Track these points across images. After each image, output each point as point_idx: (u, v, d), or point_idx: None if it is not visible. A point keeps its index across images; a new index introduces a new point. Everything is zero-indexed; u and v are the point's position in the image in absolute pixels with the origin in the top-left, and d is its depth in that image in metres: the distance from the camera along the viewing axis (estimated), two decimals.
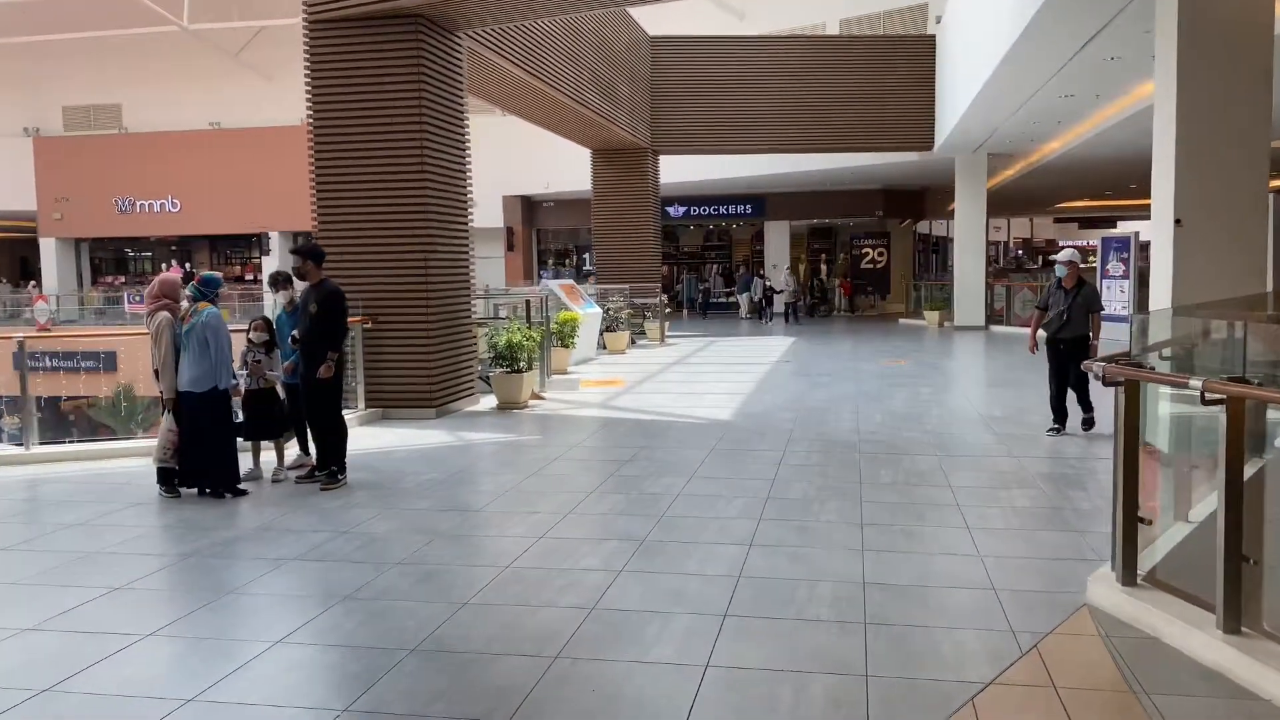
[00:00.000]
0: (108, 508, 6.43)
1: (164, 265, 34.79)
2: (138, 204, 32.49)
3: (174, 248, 36.46)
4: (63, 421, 21.15)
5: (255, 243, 33.01)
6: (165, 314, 6.56)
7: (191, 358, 6.41)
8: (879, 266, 30.18)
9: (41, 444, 8.39)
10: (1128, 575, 4.22)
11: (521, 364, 10.72)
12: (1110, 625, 4.08)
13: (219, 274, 6.63)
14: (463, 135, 10.93)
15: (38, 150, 32.52)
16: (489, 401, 10.92)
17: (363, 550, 5.36)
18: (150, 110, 33.12)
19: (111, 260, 36.80)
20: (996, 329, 21.44)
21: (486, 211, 30.43)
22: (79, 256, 34.51)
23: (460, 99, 10.89)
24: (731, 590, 4.56)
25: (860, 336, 20.37)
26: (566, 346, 14.21)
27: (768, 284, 26.93)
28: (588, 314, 15.78)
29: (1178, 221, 7.02)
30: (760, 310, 26.78)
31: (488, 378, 11.20)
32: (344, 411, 7.78)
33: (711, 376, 13.59)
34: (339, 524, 5.94)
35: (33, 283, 32.85)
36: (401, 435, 9.11)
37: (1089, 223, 48.24)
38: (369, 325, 10.07)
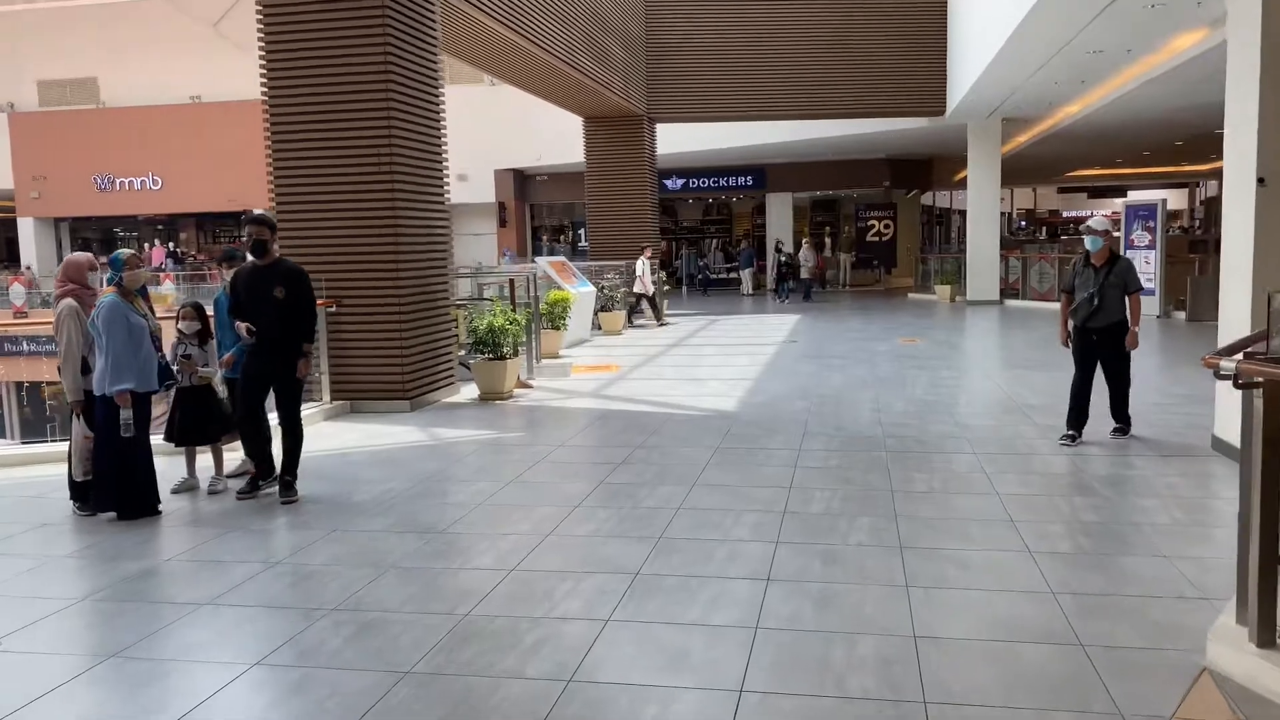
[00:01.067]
0: (5, 530, 5.45)
1: (146, 245, 33.70)
2: (117, 181, 31.39)
3: (160, 226, 35.36)
4: (44, 414, 20.24)
5: (242, 220, 31.89)
6: (70, 301, 5.55)
7: (97, 355, 5.41)
8: (885, 239, 29.09)
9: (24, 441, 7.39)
10: (1264, 634, 3.24)
11: (505, 350, 9.72)
12: (1248, 702, 3.11)
13: (128, 251, 5.58)
14: (436, 100, 9.87)
15: (13, 127, 31.37)
16: (470, 391, 9.93)
17: (293, 590, 4.39)
18: (129, 84, 31.87)
19: (99, 240, 35.67)
20: (1011, 303, 20.44)
21: (477, 186, 29.35)
22: (59, 236, 33.42)
23: (433, 60, 9.83)
24: (748, 651, 3.59)
25: (868, 313, 19.36)
26: (557, 329, 13.21)
27: (784, 258, 24.95)
28: (581, 293, 14.77)
29: (1261, 181, 5.99)
30: (779, 287, 24.36)
31: (470, 364, 10.20)
32: (308, 405, 6.87)
33: (714, 360, 12.59)
34: (271, 552, 4.96)
35: (26, 265, 31.74)
36: (368, 432, 8.12)
37: (1097, 192, 47.06)
38: (333, 309, 9.06)
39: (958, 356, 12.39)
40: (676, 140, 23.30)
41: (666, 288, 19.24)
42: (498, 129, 27.98)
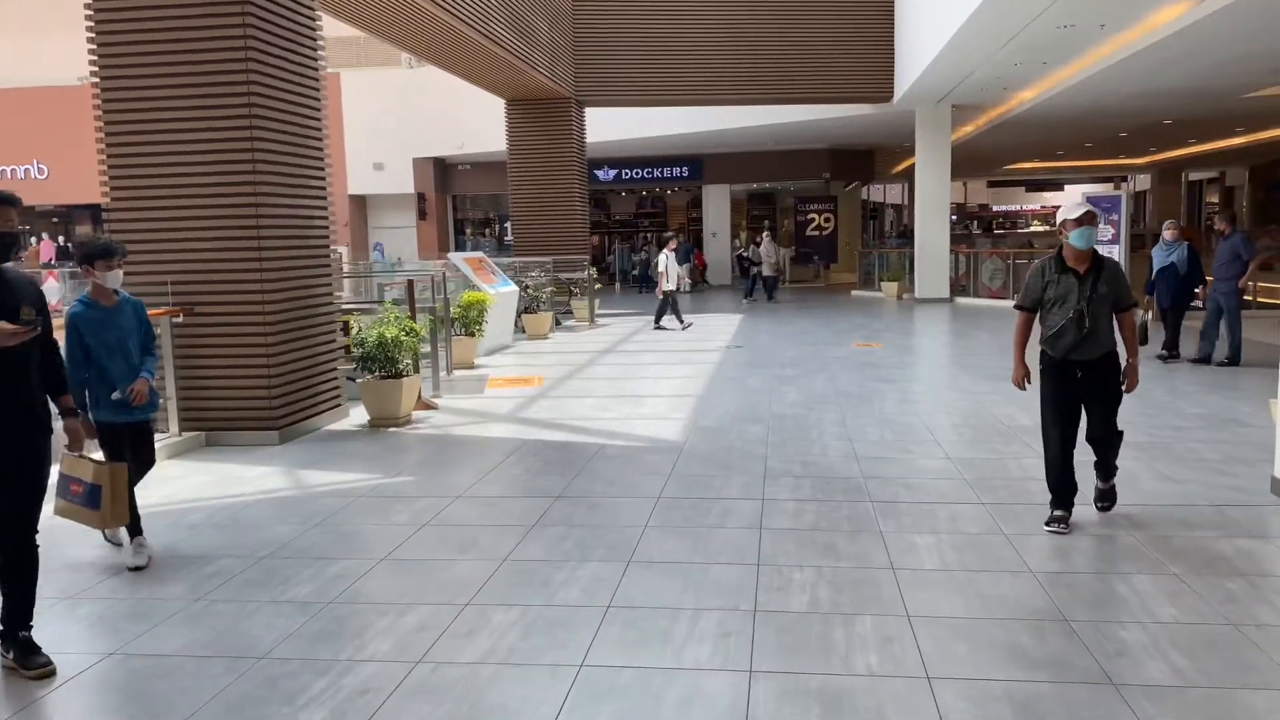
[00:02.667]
0: None
1: (34, 240, 30.91)
2: None
3: (56, 220, 32.54)
4: None
5: None
6: None
7: None
8: (825, 233, 27.92)
9: None
10: None
11: (401, 367, 8.06)
12: None
13: None
14: (313, 75, 8.16)
15: None
16: (362, 415, 8.24)
17: None
18: (6, 63, 29.06)
19: None
20: (963, 301, 19.36)
21: (395, 175, 27.42)
22: None
23: (309, 23, 8.11)
24: None
25: (814, 312, 18.06)
26: (472, 335, 11.55)
27: (743, 254, 22.46)
28: (501, 293, 13.12)
29: None
30: (750, 287, 21.74)
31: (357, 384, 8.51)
32: (156, 438, 5.17)
33: (652, 369, 11.08)
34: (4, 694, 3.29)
35: None
36: (219, 476, 6.41)
37: (1035, 186, 46.90)
38: (180, 319, 7.31)
39: (923, 364, 11.09)
40: (608, 128, 21.74)
41: (598, 285, 17.67)
42: (417, 114, 26.11)
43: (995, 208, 52.96)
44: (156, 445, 5.44)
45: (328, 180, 8.34)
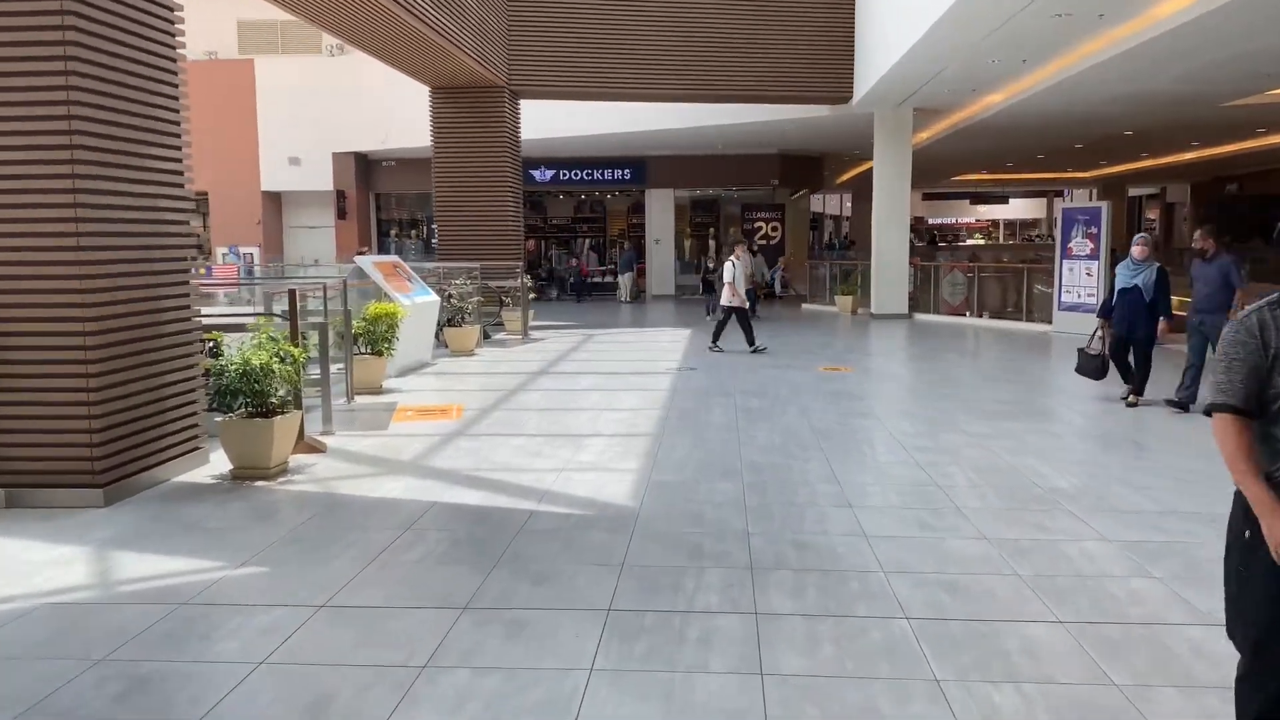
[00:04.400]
0: None
1: None
2: None
3: None
4: None
5: None
6: None
7: None
8: (772, 243, 26.63)
9: None
10: None
11: (274, 401, 6.31)
12: None
13: None
14: (167, 55, 6.40)
15: None
16: (227, 462, 6.45)
17: None
18: None
19: None
20: (922, 318, 18.13)
21: (312, 171, 25.32)
22: None
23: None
24: None
25: (767, 328, 16.62)
26: (380, 354, 9.79)
27: (709, 266, 19.61)
28: (417, 304, 11.36)
29: None
30: (710, 304, 18.81)
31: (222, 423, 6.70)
32: None
33: (594, 397, 9.44)
34: None
35: None
36: None
37: (979, 198, 46.50)
38: None
39: (904, 394, 9.66)
40: (546, 124, 20.09)
41: (533, 296, 15.96)
42: (338, 105, 24.10)
43: (931, 220, 52.51)
44: None
45: (186, 179, 6.55)
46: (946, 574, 4.38)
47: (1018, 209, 51.95)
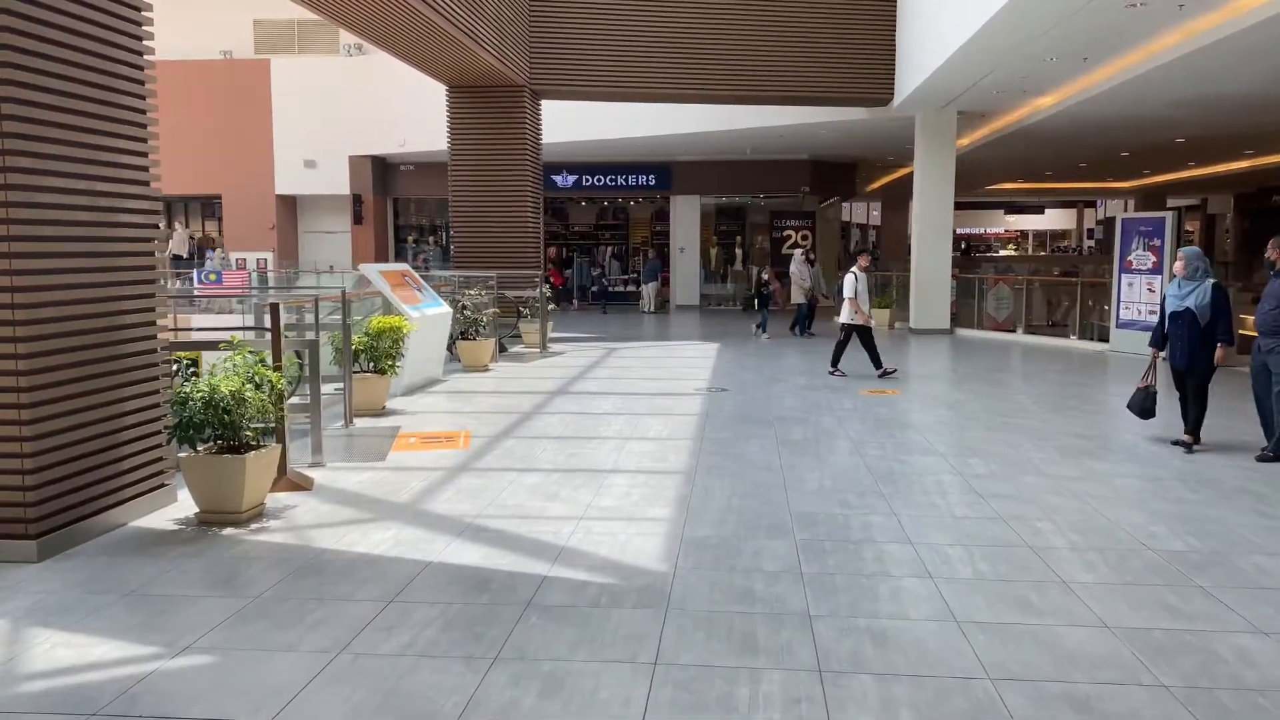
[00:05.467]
0: None
1: None
2: None
3: None
4: None
5: None
6: None
7: None
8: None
9: None
10: None
11: (249, 433, 5.42)
12: None
13: None
14: (135, 37, 5.54)
15: None
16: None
17: None
18: None
19: None
20: (964, 333, 17.08)
21: (328, 175, 24.59)
22: None
23: None
24: None
25: (800, 343, 15.63)
26: (383, 372, 8.90)
27: (760, 277, 17.42)
28: (427, 316, 10.48)
29: None
30: (763, 320, 16.55)
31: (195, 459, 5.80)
32: None
33: (615, 425, 8.49)
34: None
35: None
36: None
37: (1014, 209, 45.25)
38: None
39: (965, 425, 8.64)
40: (568, 128, 19.23)
41: (552, 306, 15.05)
42: (355, 107, 23.38)
43: (957, 230, 51.18)
44: None
45: (151, 181, 5.68)
46: (1072, 683, 3.41)
47: (1046, 220, 50.64)
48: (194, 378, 5.97)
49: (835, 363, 11.84)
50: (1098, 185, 38.34)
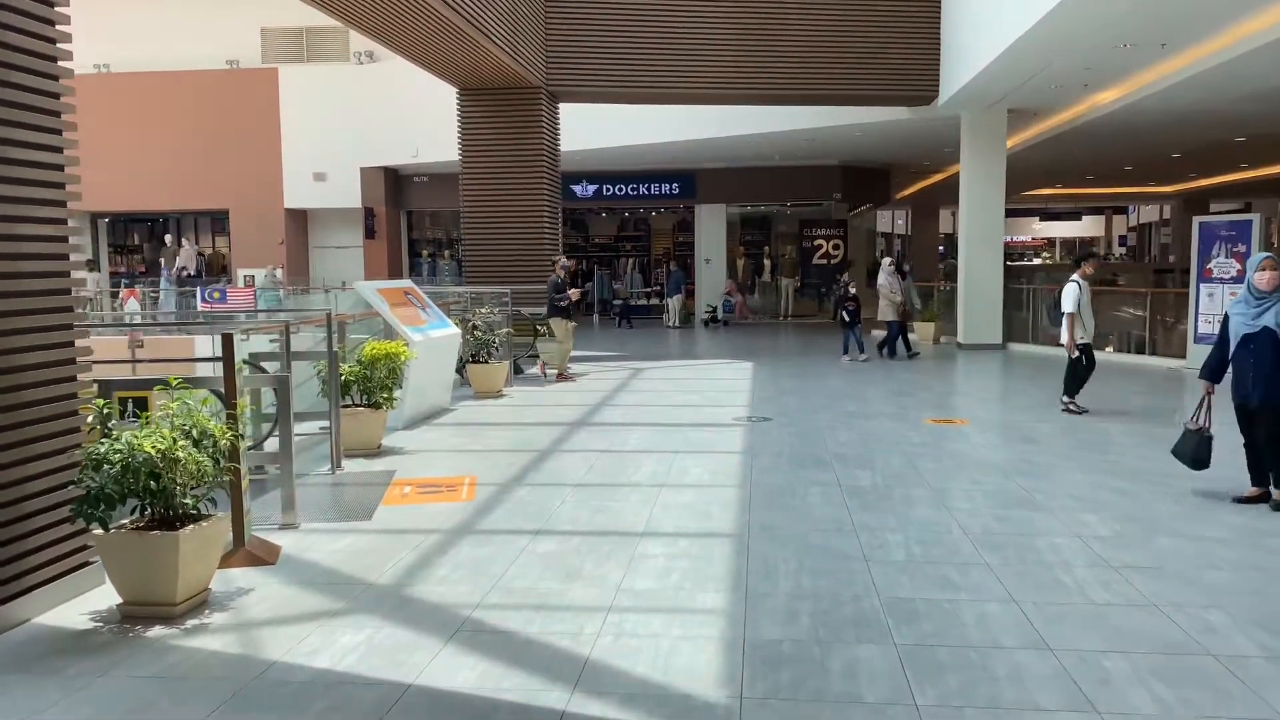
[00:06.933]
0: None
1: None
2: None
3: None
4: None
5: None
6: None
7: None
8: (835, 262, 24.34)
9: None
10: None
11: (188, 502, 4.24)
12: None
13: None
14: (46, 40, 4.43)
15: None
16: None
17: None
18: None
19: None
20: (1017, 348, 15.77)
21: (339, 187, 23.60)
22: None
23: None
24: None
25: (836, 360, 14.38)
26: (378, 406, 7.74)
27: (846, 289, 14.78)
28: (431, 339, 9.32)
29: None
30: (847, 339, 14.24)
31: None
32: None
33: (648, 465, 7.27)
34: None
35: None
36: None
37: (1050, 216, 43.76)
38: None
39: (1060, 466, 7.31)
40: (587, 134, 18.11)
41: (573, 324, 13.86)
42: (366, 116, 22.42)
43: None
44: None
45: (66, 189, 4.54)
46: None
47: (1073, 227, 49.05)
48: (144, 425, 4.80)
49: (1074, 393, 9.48)
50: (1137, 190, 36.87)
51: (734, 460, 7.36)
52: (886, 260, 15.23)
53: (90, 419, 4.40)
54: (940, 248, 47.09)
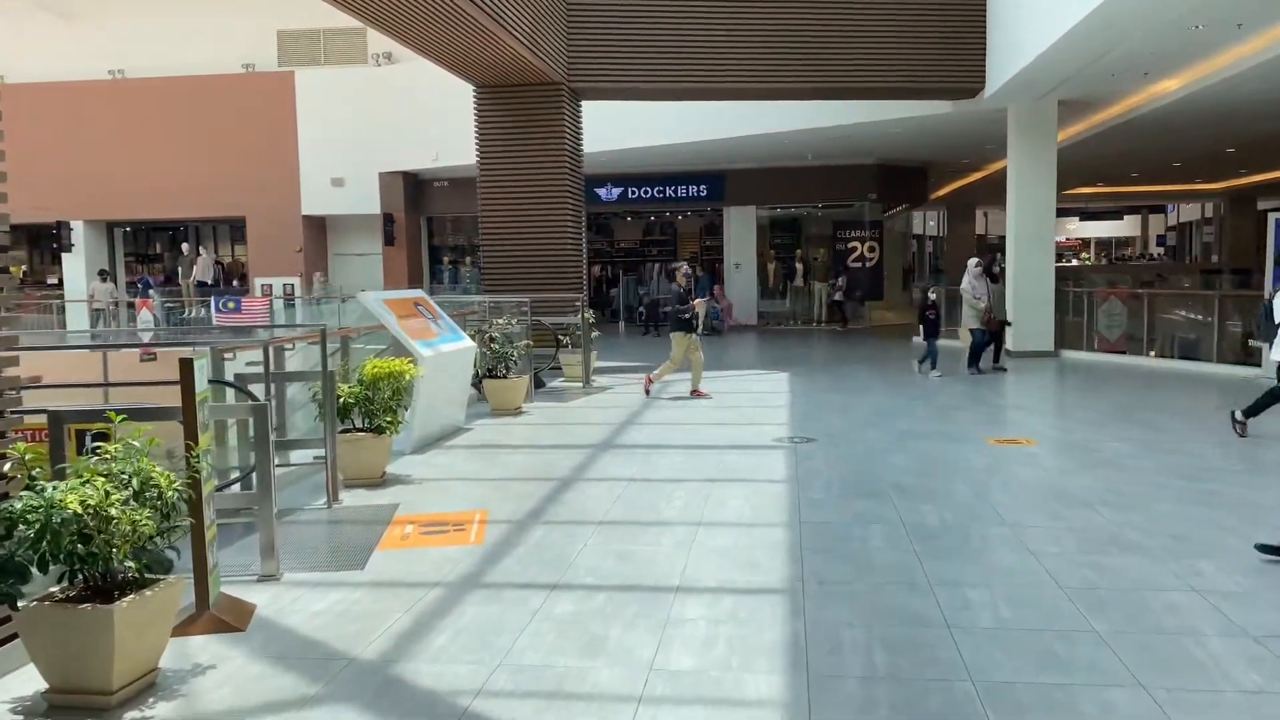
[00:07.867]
0: None
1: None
2: None
3: None
4: None
5: (54, 235, 24.83)
6: None
7: None
8: (869, 265, 23.42)
9: None
10: None
11: (129, 567, 3.50)
12: None
13: None
14: None
15: None
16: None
17: None
18: None
19: None
20: (1070, 355, 14.81)
21: (358, 193, 23.00)
22: None
23: None
24: None
25: (882, 371, 13.49)
26: (382, 431, 6.99)
27: (929, 296, 13.93)
28: (443, 354, 8.57)
29: None
30: (930, 352, 12.88)
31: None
32: None
33: (680, 497, 6.46)
34: None
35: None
36: None
37: (1090, 215, 42.51)
38: None
39: (1145, 492, 6.42)
40: (612, 134, 17.34)
41: (596, 334, 13.10)
42: (385, 121, 21.82)
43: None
44: None
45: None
46: None
47: (1108, 227, 47.73)
48: (75, 473, 4.06)
49: (1256, 411, 8.06)
50: (1180, 188, 35.61)
51: (778, 491, 6.53)
52: (973, 261, 13.53)
53: (8, 466, 3.66)
54: (996, 252, 45.90)
